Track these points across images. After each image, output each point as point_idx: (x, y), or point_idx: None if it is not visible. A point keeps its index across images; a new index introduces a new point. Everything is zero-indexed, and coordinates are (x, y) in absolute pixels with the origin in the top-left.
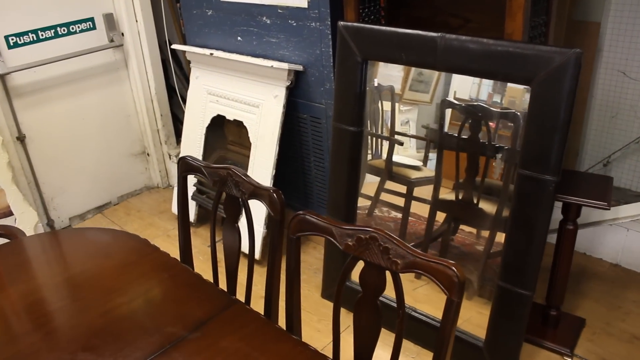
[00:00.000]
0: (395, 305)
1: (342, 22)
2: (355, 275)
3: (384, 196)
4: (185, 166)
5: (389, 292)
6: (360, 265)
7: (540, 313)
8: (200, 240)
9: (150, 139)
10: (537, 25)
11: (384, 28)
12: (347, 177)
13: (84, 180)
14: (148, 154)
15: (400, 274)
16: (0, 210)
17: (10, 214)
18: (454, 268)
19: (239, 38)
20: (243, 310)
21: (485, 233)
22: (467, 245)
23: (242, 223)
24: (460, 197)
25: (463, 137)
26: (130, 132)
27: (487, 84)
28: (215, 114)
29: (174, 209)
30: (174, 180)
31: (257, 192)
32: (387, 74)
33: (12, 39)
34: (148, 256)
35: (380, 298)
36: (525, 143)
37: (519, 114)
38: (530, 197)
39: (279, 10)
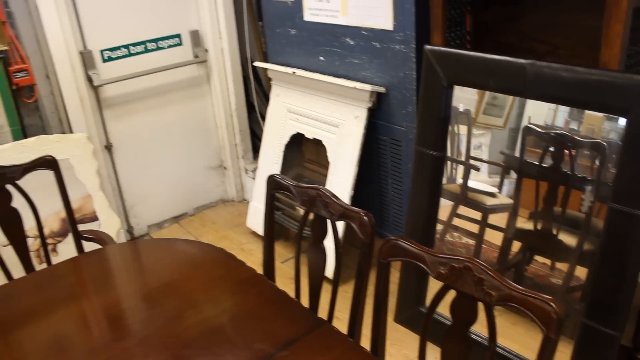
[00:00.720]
0: (480, 338)
1: (428, 46)
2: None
3: (457, 221)
4: (274, 184)
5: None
6: (434, 289)
7: (626, 355)
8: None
9: (228, 153)
10: (634, 54)
11: (471, 53)
12: (427, 202)
13: (163, 190)
14: (225, 168)
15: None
16: (87, 215)
17: (95, 219)
18: (552, 304)
19: (321, 58)
20: (331, 332)
21: (562, 265)
22: (541, 276)
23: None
24: (538, 227)
25: (543, 165)
26: (209, 146)
27: (564, 110)
28: (294, 132)
29: (249, 223)
30: (249, 195)
31: (347, 213)
32: (462, 97)
33: (107, 54)
34: (234, 270)
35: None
36: (618, 176)
37: (605, 143)
38: (623, 232)
39: (363, 32)
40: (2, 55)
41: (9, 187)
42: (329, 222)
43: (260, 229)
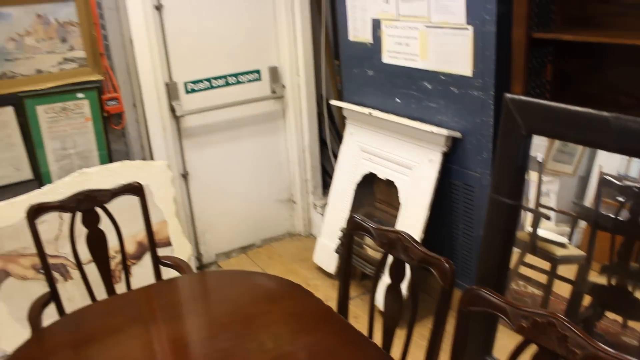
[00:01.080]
0: None
1: (508, 95)
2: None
3: (523, 269)
4: (354, 225)
5: None
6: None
7: None
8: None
9: (298, 188)
10: None
11: (552, 104)
12: (500, 251)
13: (233, 220)
14: (294, 202)
15: None
16: (161, 240)
17: (168, 244)
18: None
19: (397, 99)
20: None
21: (636, 325)
22: (613, 334)
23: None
24: (611, 282)
25: (619, 218)
26: (279, 180)
27: (638, 160)
28: (366, 171)
29: (315, 258)
30: (317, 230)
31: (427, 259)
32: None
33: (190, 86)
34: (312, 308)
35: None
36: None
37: None
38: None
39: (442, 77)
40: (98, 85)
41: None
42: (407, 266)
43: (326, 265)
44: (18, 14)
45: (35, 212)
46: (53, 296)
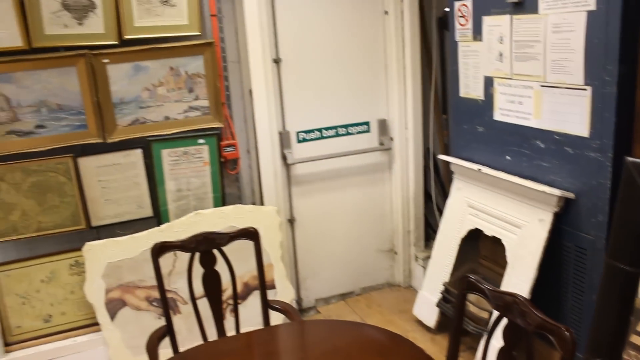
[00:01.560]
0: None
1: (630, 158)
2: None
3: (634, 338)
4: (469, 285)
5: None
6: None
7: None
8: (437, 349)
9: (400, 239)
10: None
11: None
12: (616, 320)
13: (334, 266)
14: (395, 253)
15: None
16: (266, 283)
17: (272, 287)
18: None
19: (508, 157)
20: None
21: None
22: None
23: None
24: None
25: None
26: (382, 229)
27: None
28: (472, 227)
29: (415, 311)
30: (417, 282)
31: (545, 326)
32: None
33: (301, 135)
34: None
35: None
36: None
37: None
38: None
39: (556, 137)
40: (217, 132)
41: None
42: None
43: (426, 319)
44: (154, 67)
45: (159, 250)
46: (168, 330)
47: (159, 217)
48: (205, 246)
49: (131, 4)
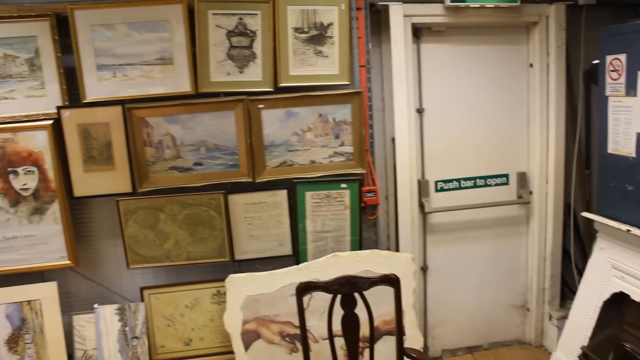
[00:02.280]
0: None
1: None
2: None
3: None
4: (624, 354)
5: None
6: None
7: None
8: None
9: (533, 296)
10: None
11: None
12: None
13: (463, 318)
14: (528, 309)
15: None
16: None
17: (402, 333)
18: None
19: None
20: None
21: None
22: None
23: None
24: None
25: None
26: (515, 284)
27: None
28: (617, 290)
29: None
30: (550, 343)
31: None
32: None
33: (440, 184)
34: None
35: None
36: None
37: None
38: None
39: None
40: (359, 177)
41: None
42: None
43: None
44: (304, 113)
45: (303, 289)
46: None
47: (297, 255)
48: (347, 289)
49: (288, 54)
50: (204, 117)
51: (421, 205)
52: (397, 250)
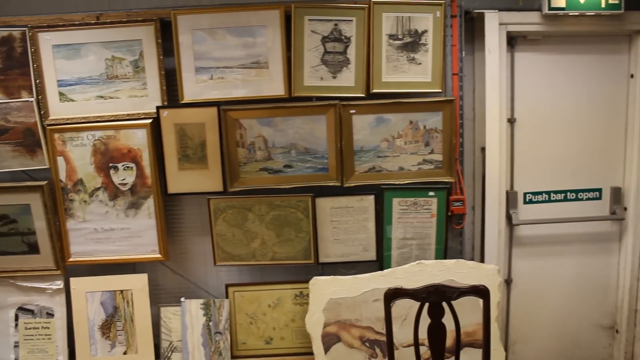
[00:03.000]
0: None
1: None
2: None
3: None
4: None
5: None
6: None
7: None
8: None
9: (624, 317)
10: None
11: None
12: None
13: (546, 335)
14: (617, 331)
15: None
16: (476, 341)
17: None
18: None
19: None
20: None
21: None
22: None
23: None
24: None
25: None
26: (603, 304)
27: None
28: None
29: None
30: None
31: None
32: None
33: (529, 196)
34: None
35: None
36: None
37: None
38: None
39: None
40: (447, 186)
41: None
42: None
43: None
44: (395, 120)
45: (392, 295)
46: None
47: (381, 261)
48: (435, 297)
49: (381, 61)
50: (296, 121)
51: (508, 217)
52: (481, 261)
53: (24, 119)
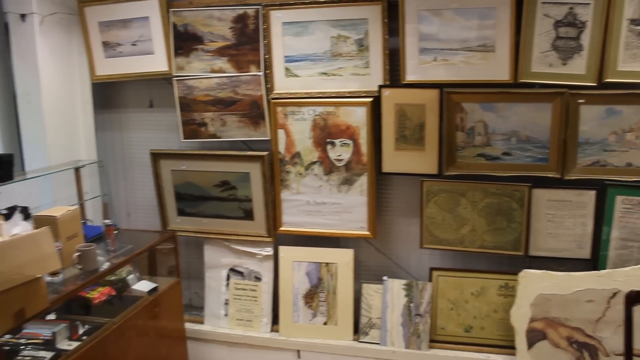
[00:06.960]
0: None
1: None
2: None
3: None
4: None
5: None
6: None
7: None
8: None
9: None
10: None
11: None
12: None
13: None
14: None
15: None
16: None
17: None
18: None
19: None
20: None
21: None
22: None
23: None
24: None
25: None
26: None
27: None
28: None
29: None
30: None
31: None
32: None
33: None
34: None
35: None
36: None
37: None
38: None
39: None
40: None
41: None
42: None
43: None
44: (628, 112)
45: (634, 298)
46: None
47: (595, 261)
48: None
49: (618, 48)
50: (520, 107)
51: None
52: None
53: (251, 92)
